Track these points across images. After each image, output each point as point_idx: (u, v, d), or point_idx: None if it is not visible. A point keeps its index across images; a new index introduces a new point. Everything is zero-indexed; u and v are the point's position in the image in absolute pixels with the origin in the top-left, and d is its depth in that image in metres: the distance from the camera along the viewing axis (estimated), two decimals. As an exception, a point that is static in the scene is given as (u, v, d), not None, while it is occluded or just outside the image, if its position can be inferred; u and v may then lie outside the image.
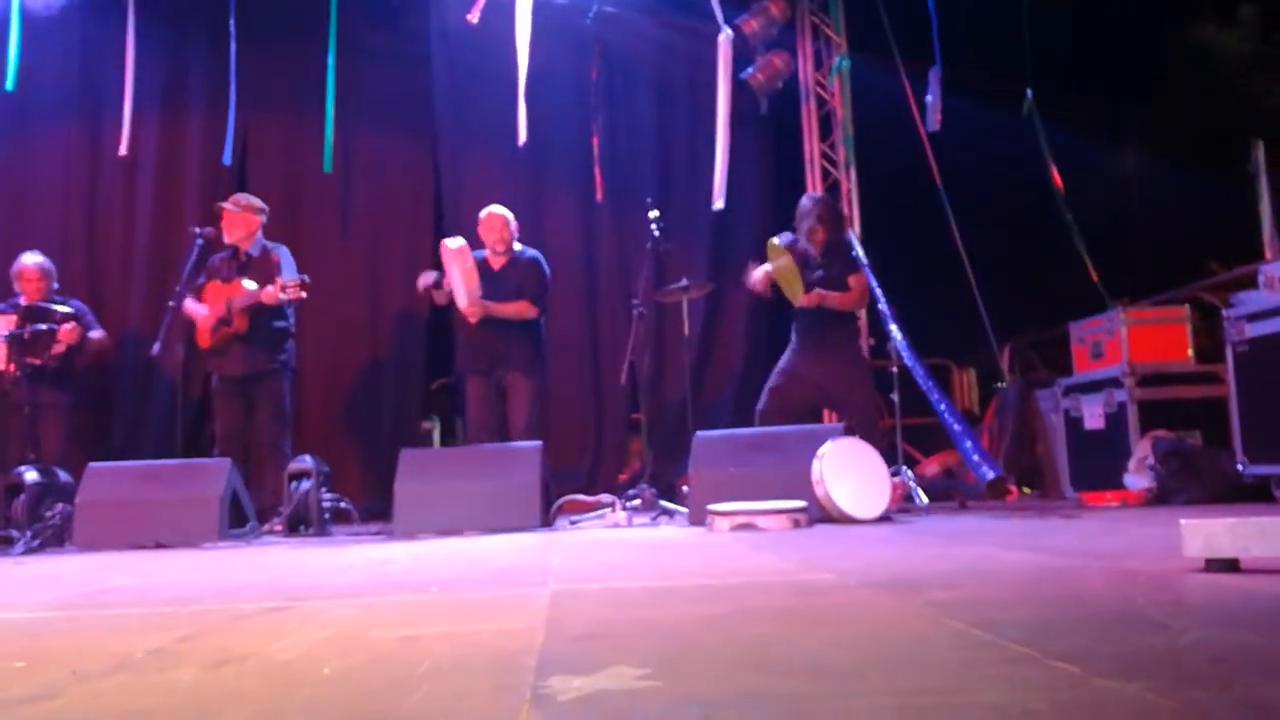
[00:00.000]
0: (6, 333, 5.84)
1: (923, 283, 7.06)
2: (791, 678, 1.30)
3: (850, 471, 4.44)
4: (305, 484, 5.19)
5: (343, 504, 5.42)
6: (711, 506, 4.29)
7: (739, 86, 6.79)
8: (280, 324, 5.78)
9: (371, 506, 5.96)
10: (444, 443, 7.68)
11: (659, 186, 7.15)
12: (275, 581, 2.94)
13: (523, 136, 6.56)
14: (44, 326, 5.87)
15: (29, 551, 4.94)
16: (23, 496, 5.25)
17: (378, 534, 5.09)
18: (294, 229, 6.81)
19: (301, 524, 5.17)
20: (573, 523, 5.22)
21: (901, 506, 5.20)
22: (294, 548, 4.53)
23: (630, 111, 7.39)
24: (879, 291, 5.34)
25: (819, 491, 4.38)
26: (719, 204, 6.47)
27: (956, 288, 6.99)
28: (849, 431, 4.86)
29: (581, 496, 5.61)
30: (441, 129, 7.20)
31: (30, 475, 5.31)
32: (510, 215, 5.82)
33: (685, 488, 5.03)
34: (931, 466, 6.63)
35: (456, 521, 4.87)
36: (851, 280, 5.41)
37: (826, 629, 1.69)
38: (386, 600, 2.35)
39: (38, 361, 5.87)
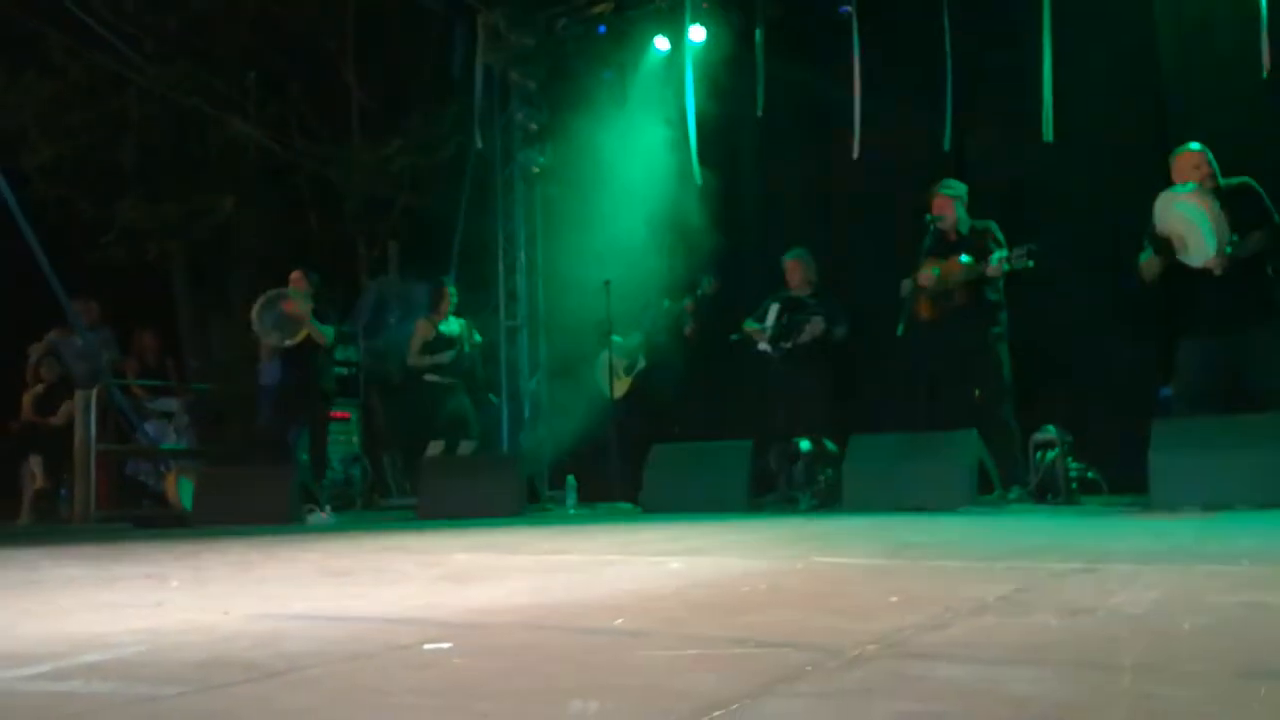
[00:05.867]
0: (772, 319, 6.89)
1: None
2: None
3: None
4: (1051, 454, 5.27)
5: (1089, 473, 5.39)
6: None
7: None
8: (994, 297, 5.93)
9: (1119, 475, 5.80)
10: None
11: None
12: (1061, 543, 3.08)
13: (1268, 64, 5.84)
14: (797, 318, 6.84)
15: (810, 509, 5.79)
16: (800, 463, 6.17)
17: (1130, 505, 4.97)
18: (1014, 200, 6.88)
19: (1049, 493, 5.26)
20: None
21: None
22: (1049, 516, 4.64)
23: None
24: None
25: None
26: None
27: None
28: None
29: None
30: (1167, 80, 6.71)
31: (804, 444, 6.20)
32: (1207, 151, 5.19)
33: None
34: None
35: (1223, 495, 4.55)
36: None
37: None
38: (1199, 569, 2.35)
39: (788, 345, 6.81)
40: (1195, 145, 5.32)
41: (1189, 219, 5.05)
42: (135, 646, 1.81)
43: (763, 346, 6.87)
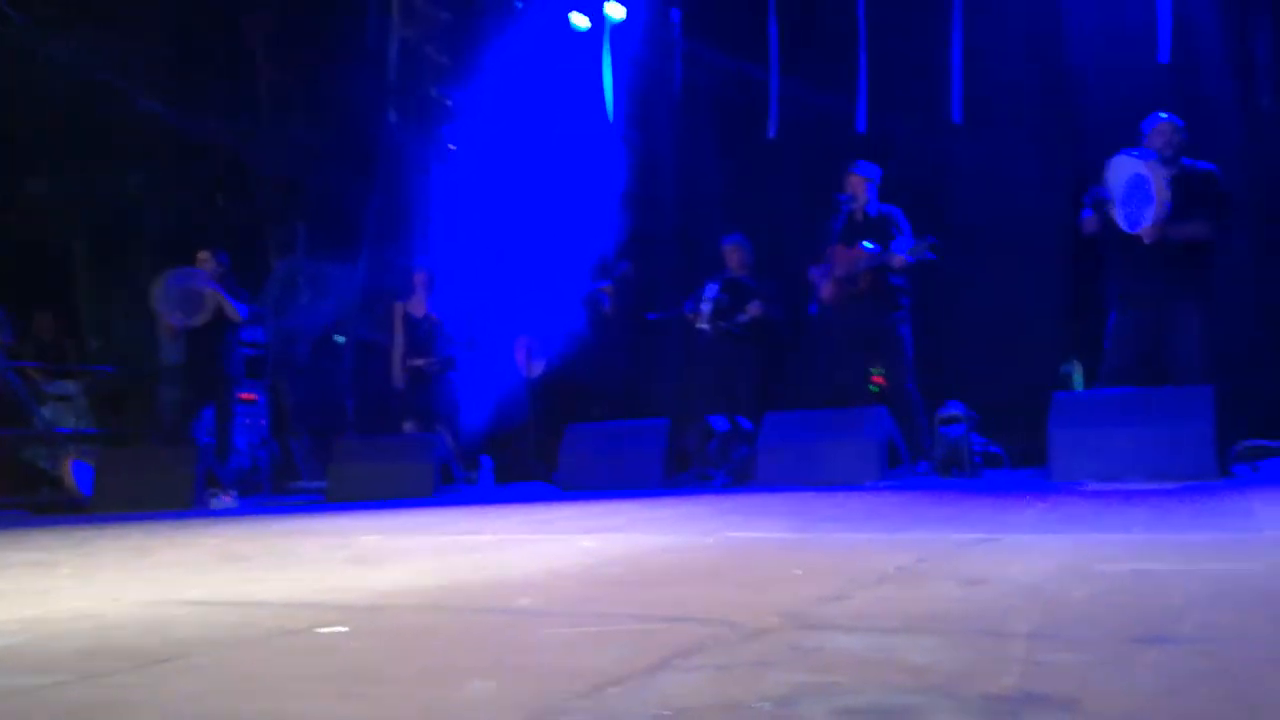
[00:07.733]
0: (711, 298, 6.87)
1: None
2: None
3: None
4: (956, 429, 5.39)
5: (993, 448, 5.52)
6: None
7: None
8: (898, 281, 6.02)
9: (1020, 451, 5.96)
10: (1087, 386, 7.35)
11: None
12: (963, 515, 3.15)
13: (1165, 51, 6.05)
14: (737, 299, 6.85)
15: (725, 486, 5.83)
16: (715, 441, 6.20)
17: (1030, 478, 5.12)
18: (927, 179, 6.98)
19: (954, 467, 5.38)
20: (1256, 470, 4.75)
21: None
22: (947, 489, 4.74)
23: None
24: None
25: None
26: None
27: None
28: None
29: (1269, 442, 5.02)
30: (1073, 50, 6.85)
31: (720, 422, 6.24)
32: (1179, 123, 5.28)
33: None
34: None
35: (1117, 468, 4.68)
36: None
37: None
38: (1093, 538, 2.42)
39: (724, 325, 6.82)
40: (1164, 114, 5.27)
41: (1136, 182, 5.06)
42: (16, 635, 1.73)
43: (701, 325, 6.87)
